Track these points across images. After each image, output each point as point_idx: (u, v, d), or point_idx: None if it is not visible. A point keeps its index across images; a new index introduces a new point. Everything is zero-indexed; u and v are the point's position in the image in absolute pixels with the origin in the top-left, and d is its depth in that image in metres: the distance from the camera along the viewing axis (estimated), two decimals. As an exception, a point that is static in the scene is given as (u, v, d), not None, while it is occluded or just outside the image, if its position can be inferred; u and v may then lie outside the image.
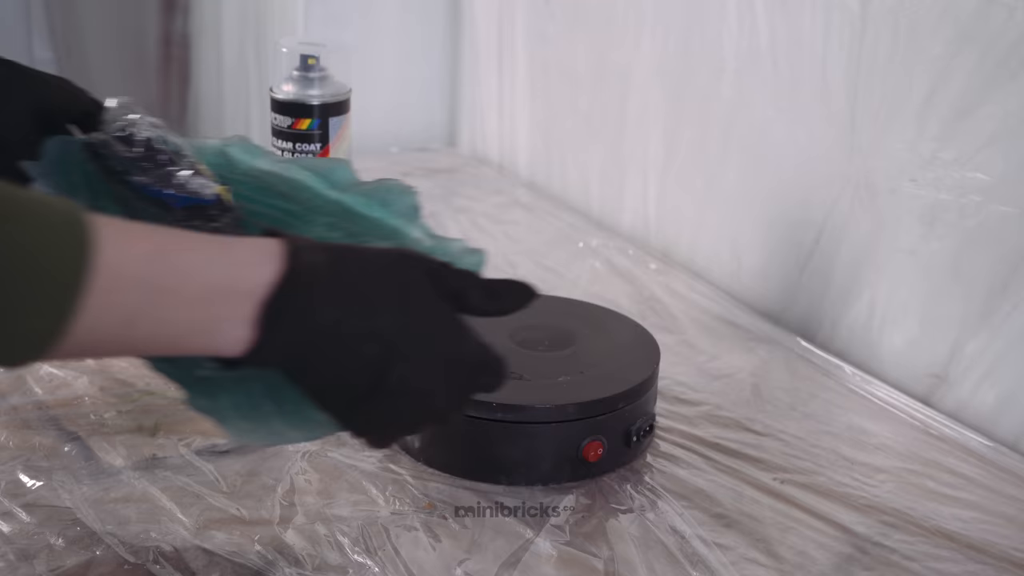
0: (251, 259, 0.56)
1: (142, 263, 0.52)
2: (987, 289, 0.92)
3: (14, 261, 0.47)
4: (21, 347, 0.49)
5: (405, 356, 0.59)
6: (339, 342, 0.57)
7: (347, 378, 0.58)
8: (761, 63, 1.10)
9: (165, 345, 0.56)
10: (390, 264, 0.60)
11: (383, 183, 0.74)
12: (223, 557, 0.71)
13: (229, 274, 0.55)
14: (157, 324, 0.54)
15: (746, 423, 0.91)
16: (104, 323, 0.51)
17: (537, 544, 0.74)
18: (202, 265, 0.55)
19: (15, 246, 0.47)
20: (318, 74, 1.02)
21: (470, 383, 0.63)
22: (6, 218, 0.47)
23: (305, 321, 0.56)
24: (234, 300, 0.55)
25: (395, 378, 0.59)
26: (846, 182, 1.02)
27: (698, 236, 1.24)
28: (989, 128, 0.88)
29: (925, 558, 0.75)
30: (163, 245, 0.54)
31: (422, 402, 0.61)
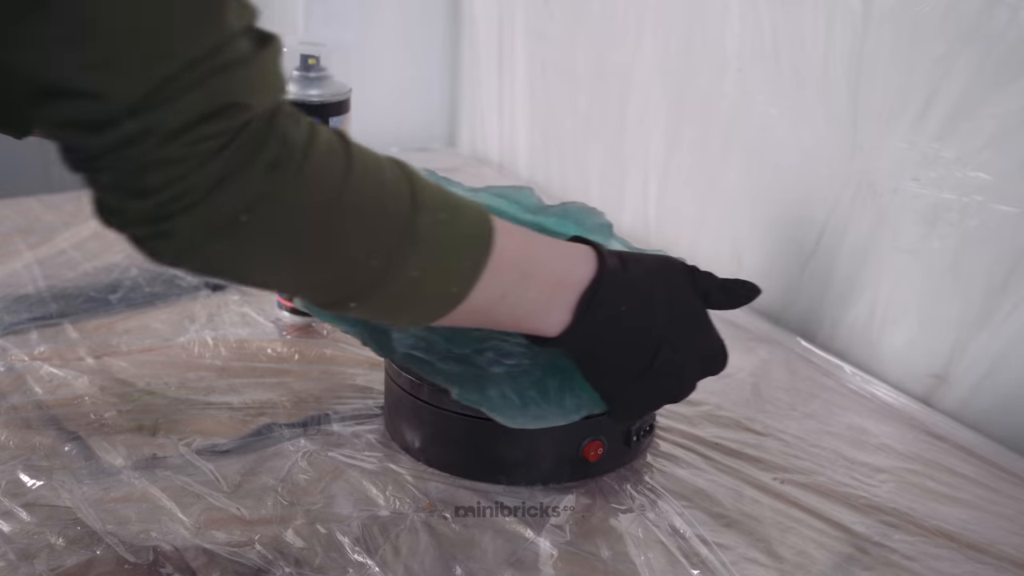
0: (578, 258, 0.69)
1: (516, 250, 0.65)
2: (987, 289, 0.92)
3: (452, 238, 0.61)
4: (438, 306, 0.63)
5: (671, 342, 0.71)
6: (625, 329, 0.70)
7: (627, 359, 0.71)
8: (763, 62, 1.10)
9: (513, 320, 0.68)
10: (660, 267, 0.73)
11: (571, 205, 0.88)
12: (223, 557, 0.71)
13: (566, 268, 0.69)
14: (517, 301, 0.66)
15: (746, 423, 0.91)
16: (487, 295, 0.64)
17: (537, 544, 0.74)
18: (552, 258, 0.68)
19: (454, 227, 0.61)
20: (318, 74, 1.02)
21: (706, 368, 0.75)
22: (454, 208, 0.62)
23: (605, 310, 0.69)
24: (566, 289, 0.68)
25: (661, 361, 0.71)
26: (848, 181, 1.02)
27: (698, 235, 1.24)
28: (991, 128, 0.88)
29: (925, 558, 0.75)
30: (528, 238, 0.68)
31: (676, 383, 0.74)
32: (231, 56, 0.51)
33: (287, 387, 0.93)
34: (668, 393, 0.75)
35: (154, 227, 0.53)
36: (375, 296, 0.60)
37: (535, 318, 0.68)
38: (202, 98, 0.51)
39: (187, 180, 0.51)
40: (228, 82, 0.51)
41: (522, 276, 0.66)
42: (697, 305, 0.74)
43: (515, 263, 0.65)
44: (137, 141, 0.50)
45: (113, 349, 0.98)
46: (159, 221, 0.53)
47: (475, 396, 0.75)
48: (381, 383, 0.90)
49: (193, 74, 0.50)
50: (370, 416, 0.89)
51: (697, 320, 0.74)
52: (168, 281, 1.14)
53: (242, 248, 0.55)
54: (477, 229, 0.63)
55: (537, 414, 0.75)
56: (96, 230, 1.29)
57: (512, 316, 0.68)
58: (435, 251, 0.60)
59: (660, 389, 0.74)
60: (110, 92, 0.49)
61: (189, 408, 0.89)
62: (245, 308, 1.08)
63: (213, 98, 0.51)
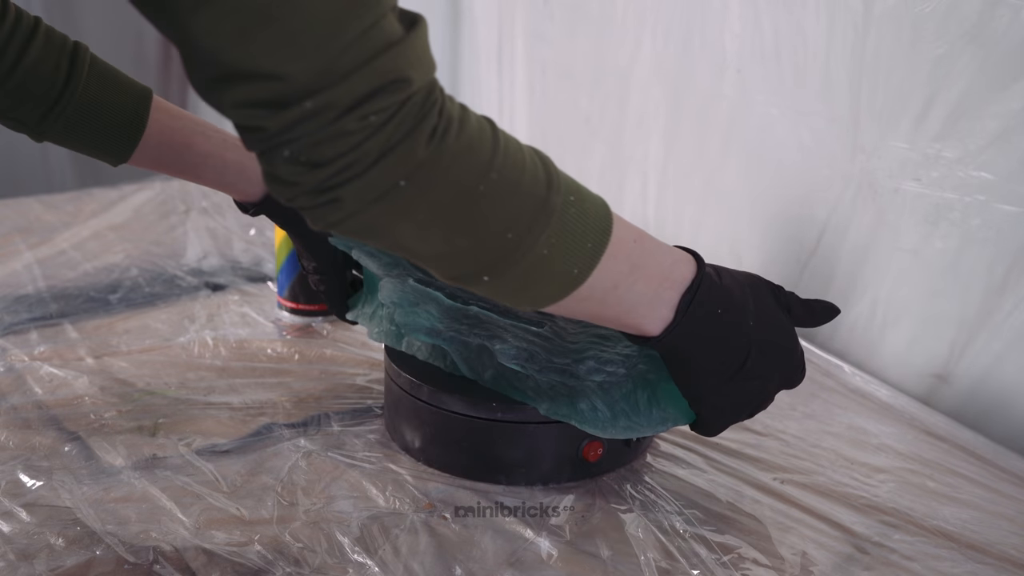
0: (681, 258, 0.72)
1: (630, 241, 0.68)
2: (987, 289, 0.92)
3: (579, 220, 0.64)
4: (560, 286, 0.65)
5: (761, 348, 0.73)
6: (721, 330, 0.72)
7: (719, 361, 0.73)
8: (763, 63, 1.10)
9: (619, 313, 0.70)
10: (748, 280, 0.76)
11: None
12: (223, 557, 0.71)
13: (671, 264, 0.71)
14: (626, 293, 0.68)
15: (746, 423, 0.91)
16: (602, 281, 0.66)
17: (537, 544, 0.74)
18: (659, 254, 0.70)
19: (582, 210, 0.64)
20: None
21: (786, 379, 0.77)
22: (581, 193, 0.65)
23: (704, 309, 0.71)
24: (670, 285, 0.70)
25: (751, 366, 0.73)
26: (848, 181, 1.02)
27: (698, 235, 1.24)
28: (993, 127, 0.88)
29: (925, 558, 0.75)
30: (639, 234, 0.69)
31: (762, 388, 0.76)
32: (390, 33, 0.55)
33: (287, 387, 0.93)
34: (753, 400, 0.76)
35: (325, 196, 0.57)
36: (508, 270, 0.63)
37: (639, 313, 0.70)
38: (371, 74, 0.54)
39: (358, 151, 0.56)
40: (392, 60, 0.55)
41: (632, 268, 0.68)
42: (783, 317, 0.76)
43: (628, 253, 0.67)
44: (315, 117, 0.54)
45: (113, 349, 0.98)
46: (330, 190, 0.57)
47: (565, 410, 0.76)
48: (381, 383, 0.90)
49: (361, 52, 0.54)
50: (370, 416, 0.89)
51: (783, 331, 0.76)
52: (168, 281, 1.14)
53: (398, 213, 0.59)
54: (600, 215, 0.66)
55: (627, 425, 0.76)
56: (96, 230, 1.29)
57: (619, 308, 0.70)
58: (564, 231, 0.63)
59: (747, 393, 0.75)
60: (290, 73, 0.53)
61: (189, 408, 0.89)
62: (245, 308, 1.08)
63: (381, 75, 0.55)
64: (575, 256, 0.64)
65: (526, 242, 0.62)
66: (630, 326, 0.71)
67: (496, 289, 0.65)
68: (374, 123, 0.55)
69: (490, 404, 0.78)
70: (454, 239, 0.61)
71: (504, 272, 0.63)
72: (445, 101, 0.59)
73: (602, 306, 0.69)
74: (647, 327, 0.71)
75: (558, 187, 0.63)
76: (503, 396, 0.78)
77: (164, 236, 1.28)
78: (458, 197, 0.60)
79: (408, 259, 0.65)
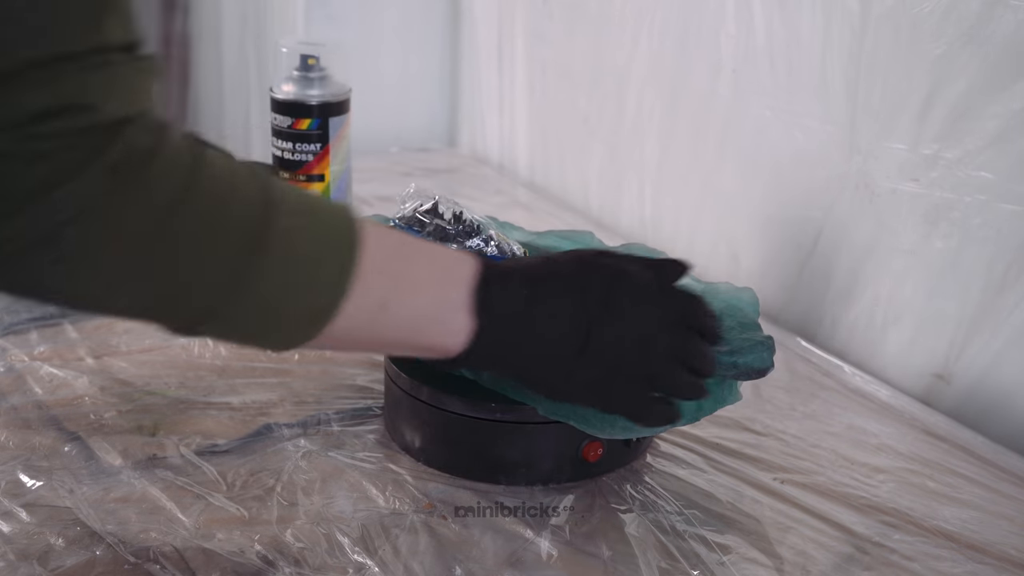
0: (458, 256, 0.66)
1: (390, 252, 0.61)
2: (987, 288, 0.92)
3: (311, 244, 0.57)
4: (308, 323, 0.58)
5: (598, 320, 0.66)
6: (537, 316, 0.65)
7: (552, 347, 0.66)
8: (759, 63, 1.10)
9: (406, 335, 0.63)
10: (564, 255, 0.69)
11: (634, 245, 0.93)
12: (223, 557, 0.71)
13: (449, 265, 0.64)
14: (402, 309, 0.62)
15: (746, 423, 0.91)
16: (363, 305, 0.59)
17: (537, 544, 0.74)
18: (431, 256, 0.64)
19: (313, 232, 0.57)
20: (318, 74, 1.02)
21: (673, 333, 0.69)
22: (314, 212, 0.58)
23: (508, 294, 0.64)
24: (454, 284, 0.63)
25: (593, 339, 0.66)
26: (845, 182, 1.02)
27: (696, 235, 1.24)
28: (993, 127, 0.88)
29: (925, 558, 0.75)
30: (402, 239, 0.64)
31: (634, 351, 0.67)
32: (95, 62, 0.49)
33: (287, 387, 0.93)
34: (631, 366, 0.68)
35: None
36: (228, 315, 0.55)
37: (431, 329, 0.63)
38: (50, 93, 0.47)
39: (14, 179, 0.47)
40: (83, 84, 0.48)
41: (398, 280, 0.61)
42: (611, 282, 0.67)
43: (388, 266, 0.60)
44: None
45: (113, 349, 0.98)
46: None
47: (564, 411, 0.76)
48: (381, 383, 0.90)
49: (52, 69, 0.47)
50: (370, 416, 0.89)
51: (631, 288, 0.67)
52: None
53: (73, 265, 0.50)
54: (342, 229, 0.58)
55: (625, 425, 0.76)
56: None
57: (403, 329, 0.62)
58: (291, 260, 0.56)
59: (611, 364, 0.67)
60: None
61: (189, 408, 0.89)
62: (245, 308, 1.08)
63: (61, 95, 0.47)
64: (315, 285, 0.57)
65: (241, 279, 0.54)
66: (428, 348, 0.64)
67: (228, 335, 0.59)
68: (38, 149, 0.47)
69: (490, 404, 0.78)
70: (149, 290, 0.54)
71: (223, 317, 0.55)
72: (138, 134, 0.50)
73: (379, 332, 0.62)
74: (449, 343, 0.64)
75: (278, 211, 0.55)
76: (503, 396, 0.78)
77: (164, 236, 1.28)
78: (146, 238, 0.51)
79: (110, 316, 0.59)
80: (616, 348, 0.67)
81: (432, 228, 0.87)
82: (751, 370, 0.78)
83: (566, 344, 0.66)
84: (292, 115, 1.00)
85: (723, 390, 0.79)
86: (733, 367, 0.78)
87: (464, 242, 0.86)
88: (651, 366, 0.69)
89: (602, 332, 0.66)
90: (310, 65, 1.02)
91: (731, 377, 0.78)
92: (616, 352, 0.67)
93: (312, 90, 1.01)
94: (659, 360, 0.69)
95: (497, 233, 0.88)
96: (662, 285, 0.70)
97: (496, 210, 1.38)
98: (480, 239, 0.87)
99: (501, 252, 0.87)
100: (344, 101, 1.02)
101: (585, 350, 0.66)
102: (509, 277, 0.65)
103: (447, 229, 0.87)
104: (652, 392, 0.71)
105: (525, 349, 0.66)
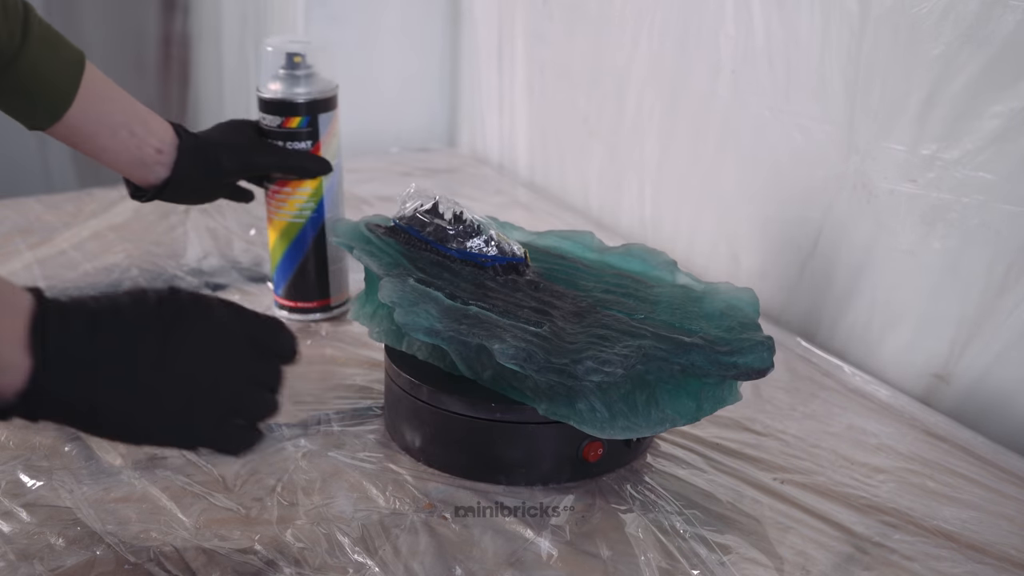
0: (13, 288, 0.59)
1: None
2: (987, 288, 0.92)
3: (58, 64, 0.91)
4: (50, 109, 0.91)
5: (170, 353, 0.61)
6: (102, 352, 0.59)
7: (122, 383, 0.60)
8: (758, 63, 1.10)
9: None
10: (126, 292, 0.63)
11: (634, 246, 0.95)
12: (223, 557, 0.71)
13: (4, 295, 0.58)
14: None
15: (746, 423, 0.91)
16: None
17: (537, 544, 0.74)
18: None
19: (62, 59, 0.92)
20: (304, 72, 1.01)
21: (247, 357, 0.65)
22: (57, 44, 0.93)
23: (71, 338, 0.58)
24: (8, 316, 0.57)
25: (167, 374, 0.61)
26: (844, 183, 1.03)
27: (696, 236, 1.24)
28: (991, 127, 0.88)
29: (925, 558, 0.75)
30: None
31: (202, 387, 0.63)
32: None
33: (287, 387, 0.93)
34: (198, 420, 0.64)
35: None
36: None
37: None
38: None
39: None
40: None
41: None
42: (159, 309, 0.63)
43: None
44: None
45: (113, 349, 0.98)
46: None
47: (563, 410, 0.76)
48: (381, 383, 0.90)
49: None
50: (370, 416, 0.89)
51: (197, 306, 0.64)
52: (168, 281, 1.14)
53: None
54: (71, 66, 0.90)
55: (626, 425, 0.76)
56: (96, 230, 1.29)
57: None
58: None
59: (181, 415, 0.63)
60: None
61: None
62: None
63: None
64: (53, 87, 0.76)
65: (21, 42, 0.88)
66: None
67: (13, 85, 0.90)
68: None
69: (489, 404, 0.78)
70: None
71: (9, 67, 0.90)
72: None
73: None
74: (5, 383, 0.57)
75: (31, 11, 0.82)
76: (502, 396, 0.78)
77: (164, 236, 1.28)
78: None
79: None
80: (191, 380, 0.63)
81: (432, 228, 0.87)
82: (751, 370, 0.78)
83: (136, 380, 0.61)
84: (281, 114, 1.00)
85: (723, 390, 0.79)
86: (733, 367, 0.78)
87: (464, 242, 0.86)
88: (229, 393, 0.65)
89: (174, 365, 0.62)
90: (296, 63, 1.01)
91: (731, 377, 0.78)
92: (191, 384, 0.63)
93: (299, 88, 1.00)
94: (236, 385, 0.66)
95: (497, 233, 0.88)
96: (236, 312, 0.67)
97: (496, 210, 1.38)
98: (480, 239, 0.87)
99: (501, 252, 0.87)
100: (332, 97, 1.02)
101: (158, 385, 0.61)
102: (69, 312, 0.60)
103: (447, 229, 0.87)
104: (234, 419, 0.66)
105: (91, 388, 0.60)
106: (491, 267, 0.86)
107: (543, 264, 0.90)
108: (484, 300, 0.81)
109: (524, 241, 0.94)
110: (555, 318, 0.80)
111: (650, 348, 0.77)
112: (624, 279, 0.89)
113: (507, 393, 0.78)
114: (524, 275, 0.87)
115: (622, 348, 0.77)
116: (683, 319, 0.83)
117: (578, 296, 0.85)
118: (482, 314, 0.79)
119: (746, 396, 0.96)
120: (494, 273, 0.86)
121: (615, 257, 0.94)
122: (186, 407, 0.63)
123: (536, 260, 0.91)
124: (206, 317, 0.64)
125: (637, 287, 0.88)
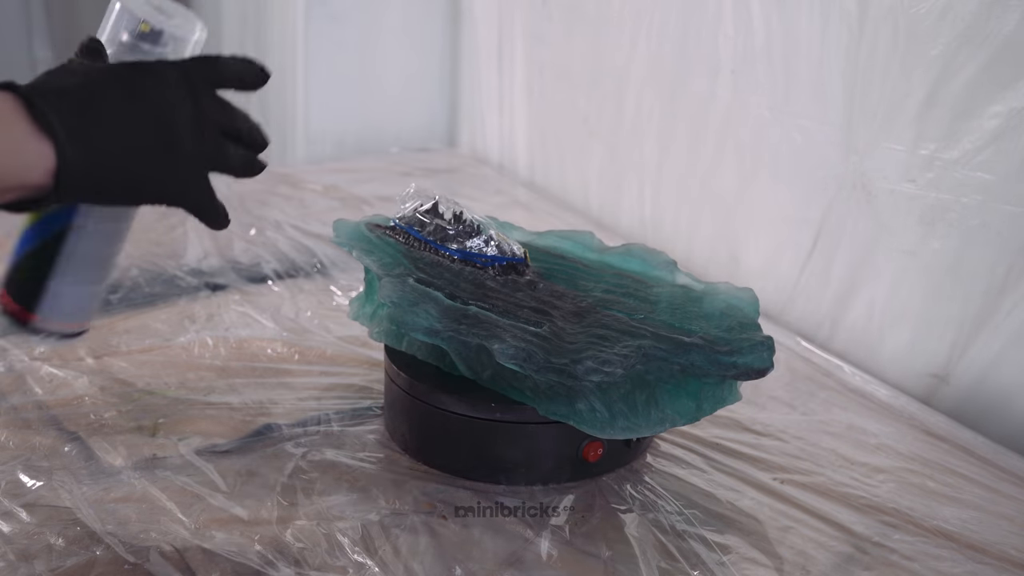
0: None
1: None
2: (987, 289, 0.92)
3: None
4: None
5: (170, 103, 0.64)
6: (110, 113, 0.62)
7: (139, 137, 0.63)
8: (757, 64, 1.10)
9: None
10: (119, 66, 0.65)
11: (634, 245, 0.95)
12: (223, 557, 0.71)
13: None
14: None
15: (746, 423, 0.91)
16: None
17: (537, 544, 0.74)
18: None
19: None
20: (151, 49, 0.70)
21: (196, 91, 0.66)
22: None
23: (74, 105, 0.61)
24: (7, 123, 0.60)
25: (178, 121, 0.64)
26: (842, 183, 1.03)
27: (696, 236, 1.24)
28: (990, 127, 0.88)
29: (925, 558, 0.75)
30: None
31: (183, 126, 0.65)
32: None
33: (287, 387, 0.93)
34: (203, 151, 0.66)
35: None
36: None
37: (8, 160, 0.60)
38: None
39: None
40: None
41: None
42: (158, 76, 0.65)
43: None
44: None
45: (113, 349, 0.98)
46: None
47: (563, 410, 0.76)
48: (381, 383, 0.90)
49: None
50: (370, 416, 0.89)
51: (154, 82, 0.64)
52: (168, 281, 1.14)
53: None
54: None
55: (625, 425, 0.76)
56: (96, 230, 1.29)
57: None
58: None
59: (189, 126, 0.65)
60: None
61: (189, 408, 0.89)
62: (245, 308, 1.08)
63: None
64: None
65: None
66: (13, 184, 0.61)
67: None
68: None
69: (489, 404, 0.78)
70: None
71: None
72: None
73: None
74: (30, 176, 0.61)
75: None
76: (502, 396, 0.78)
77: (164, 236, 1.28)
78: None
79: None
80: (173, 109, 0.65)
81: (432, 228, 0.87)
82: (751, 370, 0.78)
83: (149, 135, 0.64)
84: None
85: (723, 390, 0.79)
86: (733, 367, 0.78)
87: (464, 242, 0.86)
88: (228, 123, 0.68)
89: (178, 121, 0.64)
90: (142, 33, 0.70)
91: (731, 377, 0.78)
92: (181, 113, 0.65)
93: None
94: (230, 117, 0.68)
95: (497, 233, 0.88)
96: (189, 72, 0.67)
97: (496, 210, 1.38)
98: (480, 239, 0.87)
99: (501, 252, 0.87)
100: None
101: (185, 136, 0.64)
102: (54, 92, 0.61)
103: (447, 229, 0.87)
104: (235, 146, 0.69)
105: (116, 149, 0.62)
106: (491, 267, 0.86)
107: (543, 264, 0.90)
108: (484, 300, 0.81)
109: (524, 241, 0.94)
110: (555, 318, 0.80)
111: (650, 348, 0.77)
112: (624, 279, 0.89)
113: (507, 393, 0.78)
114: (524, 275, 0.87)
115: (622, 348, 0.77)
116: (683, 319, 0.83)
117: (578, 296, 0.85)
118: (482, 314, 0.79)
119: (746, 396, 0.95)
120: (494, 273, 0.86)
121: (615, 257, 0.94)
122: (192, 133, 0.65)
123: (536, 260, 0.91)
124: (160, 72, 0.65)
125: (637, 287, 0.88)
